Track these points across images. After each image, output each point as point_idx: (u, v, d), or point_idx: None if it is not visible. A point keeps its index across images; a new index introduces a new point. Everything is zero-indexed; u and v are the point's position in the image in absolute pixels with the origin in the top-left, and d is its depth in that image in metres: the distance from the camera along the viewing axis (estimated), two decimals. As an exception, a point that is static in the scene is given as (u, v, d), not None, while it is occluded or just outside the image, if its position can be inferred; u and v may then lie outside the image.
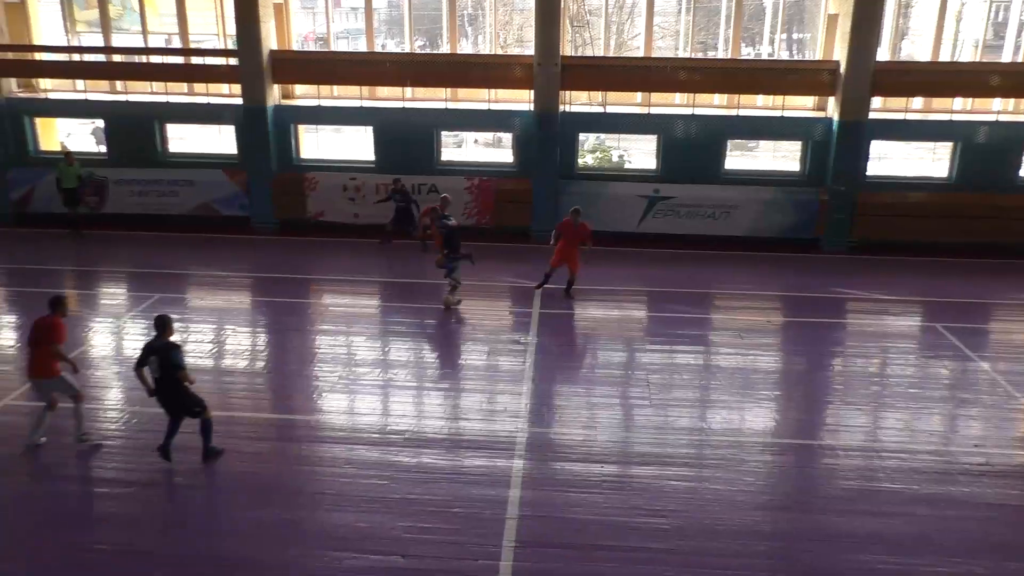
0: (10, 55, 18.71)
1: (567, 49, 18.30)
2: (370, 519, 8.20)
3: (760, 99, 18.89)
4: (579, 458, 9.42)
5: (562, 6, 17.28)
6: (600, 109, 18.75)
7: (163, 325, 8.83)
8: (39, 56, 19.26)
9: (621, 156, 22.02)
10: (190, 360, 12.04)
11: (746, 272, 16.57)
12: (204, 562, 7.61)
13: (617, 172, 19.89)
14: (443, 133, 19.20)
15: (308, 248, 17.77)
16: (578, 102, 18.68)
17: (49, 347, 9.02)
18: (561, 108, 17.88)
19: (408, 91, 18.86)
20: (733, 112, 18.45)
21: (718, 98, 19.03)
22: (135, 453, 9.41)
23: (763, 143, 22.52)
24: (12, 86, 19.13)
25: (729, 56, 18.40)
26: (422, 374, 11.86)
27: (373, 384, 11.39)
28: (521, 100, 18.53)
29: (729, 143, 18.43)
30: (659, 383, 11.46)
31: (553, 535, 8.00)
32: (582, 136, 19.02)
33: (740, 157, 22.08)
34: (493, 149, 26.04)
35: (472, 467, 9.20)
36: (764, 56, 20.53)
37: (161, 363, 8.67)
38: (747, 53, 20.41)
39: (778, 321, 14.48)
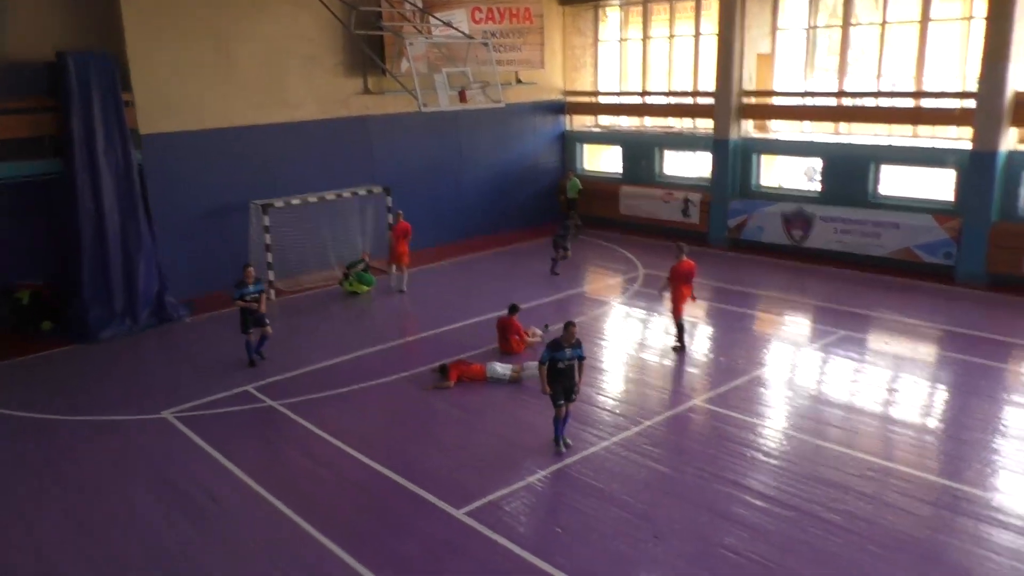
0: (753, 100, 20.94)
1: None
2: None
3: None
4: None
5: None
6: None
7: None
8: (775, 100, 21.06)
9: None
10: (856, 403, 11.68)
11: None
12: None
13: None
14: None
15: (1021, 309, 15.50)
16: None
17: None
18: None
19: None
20: None
21: None
22: (796, 479, 9.55)
23: None
24: (748, 127, 21.34)
25: None
26: None
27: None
28: None
29: None
30: None
31: None
32: None
33: None
34: None
35: None
36: None
37: None
38: None
39: None
